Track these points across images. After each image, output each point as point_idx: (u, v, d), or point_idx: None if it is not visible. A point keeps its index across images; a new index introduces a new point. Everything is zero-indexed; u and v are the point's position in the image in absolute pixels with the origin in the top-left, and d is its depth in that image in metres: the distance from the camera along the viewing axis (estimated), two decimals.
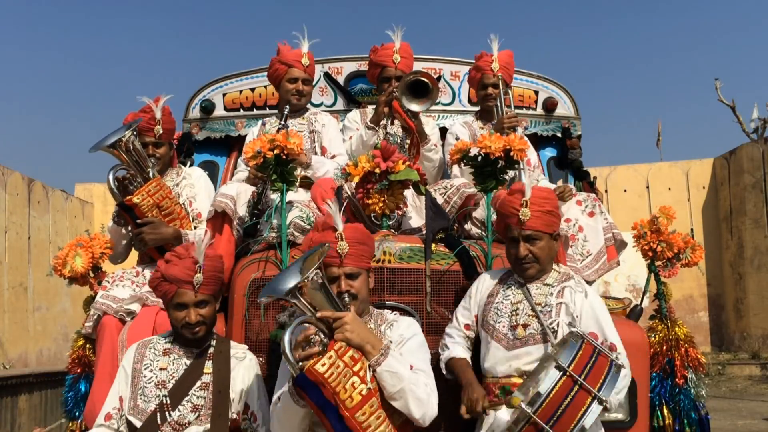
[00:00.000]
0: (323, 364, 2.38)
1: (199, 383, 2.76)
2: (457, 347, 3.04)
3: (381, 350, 2.51)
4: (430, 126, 4.36)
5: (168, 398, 2.71)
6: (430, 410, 2.57)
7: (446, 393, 2.84)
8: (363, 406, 2.41)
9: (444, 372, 3.02)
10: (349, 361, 2.44)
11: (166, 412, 2.69)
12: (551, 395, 2.49)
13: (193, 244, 2.87)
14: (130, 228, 3.70)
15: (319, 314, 2.49)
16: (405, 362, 2.58)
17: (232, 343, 2.96)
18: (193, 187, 3.87)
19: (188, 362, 2.80)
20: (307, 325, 2.53)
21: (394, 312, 2.88)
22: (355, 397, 2.40)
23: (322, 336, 2.52)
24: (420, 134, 4.08)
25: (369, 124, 4.07)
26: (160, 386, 2.74)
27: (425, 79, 3.93)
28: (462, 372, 2.93)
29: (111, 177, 3.58)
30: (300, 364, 2.42)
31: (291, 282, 2.43)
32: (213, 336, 2.90)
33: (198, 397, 2.73)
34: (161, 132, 3.75)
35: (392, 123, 4.15)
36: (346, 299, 2.63)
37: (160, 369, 2.78)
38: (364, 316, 2.74)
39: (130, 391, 2.77)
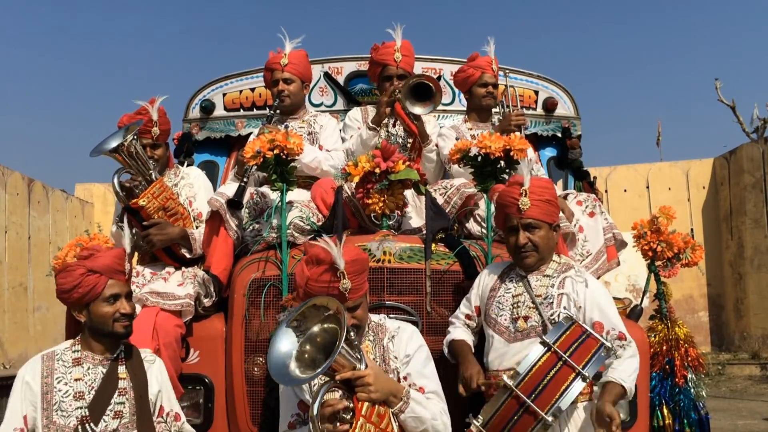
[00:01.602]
0: None
1: (117, 390, 2.64)
2: (457, 330, 3.09)
3: (402, 398, 2.50)
4: (431, 125, 4.36)
5: (87, 410, 2.58)
6: None
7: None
8: None
9: (447, 355, 3.07)
10: (377, 420, 2.42)
11: (88, 425, 2.57)
12: (534, 370, 2.52)
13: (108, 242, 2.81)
14: (134, 230, 3.70)
15: (338, 377, 2.39)
16: (424, 402, 2.57)
17: (138, 348, 2.86)
18: (191, 187, 3.87)
19: (104, 370, 2.66)
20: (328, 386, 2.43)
21: (391, 316, 2.85)
22: None
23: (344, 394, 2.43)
24: (422, 136, 4.08)
25: (370, 124, 4.05)
26: (78, 398, 2.59)
27: (428, 82, 3.92)
28: (459, 351, 2.99)
29: (116, 181, 3.57)
30: None
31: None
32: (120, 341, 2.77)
33: (119, 404, 2.63)
34: (158, 133, 3.77)
35: (394, 124, 4.15)
36: (352, 335, 2.48)
37: (75, 380, 2.62)
38: (362, 334, 2.70)
39: (42, 408, 2.58)
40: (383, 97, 4.06)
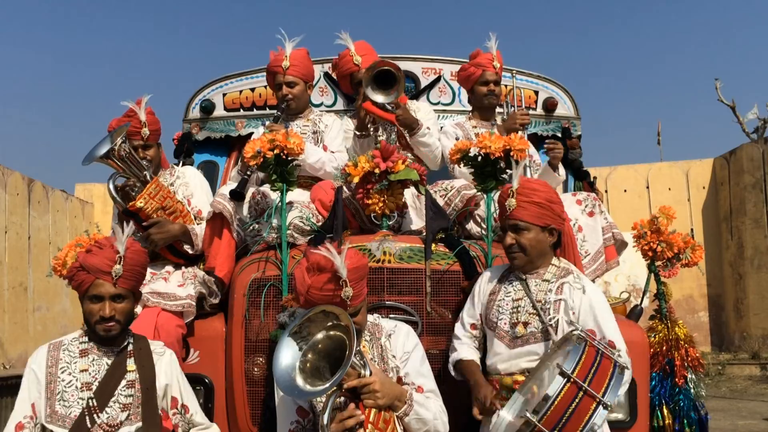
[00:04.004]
0: None
1: (124, 382, 2.65)
2: (464, 348, 3.04)
3: (407, 402, 2.56)
4: (424, 110, 4.31)
5: (94, 400, 2.59)
6: None
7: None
8: None
9: (452, 373, 3.04)
10: (383, 426, 2.45)
11: (95, 415, 2.58)
12: (556, 403, 2.46)
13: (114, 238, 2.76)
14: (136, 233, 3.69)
15: (346, 385, 2.41)
16: (426, 403, 2.64)
17: (149, 340, 2.87)
18: (187, 186, 3.85)
19: (109, 362, 2.67)
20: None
21: (391, 317, 2.86)
22: None
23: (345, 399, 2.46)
24: (405, 124, 4.00)
25: (356, 132, 4.03)
26: (83, 389, 2.61)
27: (387, 68, 3.82)
28: (470, 373, 2.94)
29: (111, 186, 3.56)
30: None
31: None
32: (130, 333, 2.78)
33: (126, 396, 2.64)
34: (148, 134, 3.71)
35: (376, 129, 4.01)
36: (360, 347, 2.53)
37: (81, 371, 2.64)
38: (361, 334, 2.71)
39: (46, 398, 2.61)
40: (358, 103, 4.02)
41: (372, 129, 4.01)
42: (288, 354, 2.39)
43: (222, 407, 3.40)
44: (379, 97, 3.85)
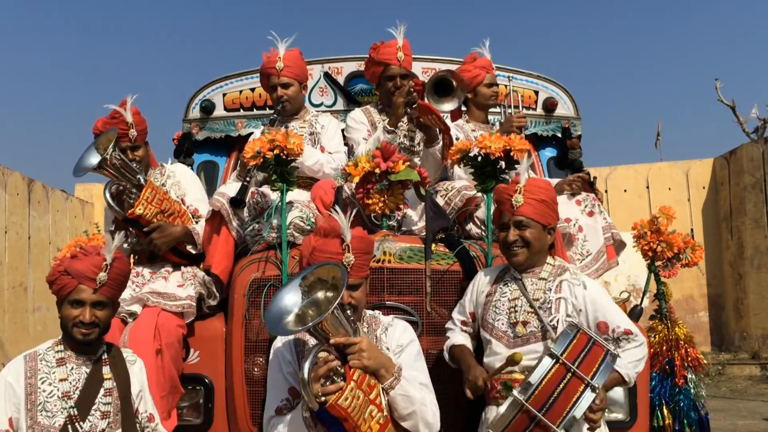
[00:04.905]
0: (345, 399, 2.34)
1: (102, 390, 2.66)
2: (456, 335, 3.09)
3: (394, 373, 2.52)
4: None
5: (75, 409, 2.60)
6: (436, 429, 2.62)
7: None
8: None
9: (448, 361, 3.06)
10: (367, 389, 2.42)
11: (77, 424, 2.59)
12: (543, 383, 2.50)
13: (103, 246, 2.77)
14: (134, 239, 3.68)
15: (333, 340, 2.43)
16: (414, 382, 2.58)
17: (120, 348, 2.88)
18: (179, 186, 3.83)
19: (87, 370, 2.68)
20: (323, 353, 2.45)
21: (388, 313, 2.86)
22: (374, 426, 2.41)
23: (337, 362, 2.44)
24: (430, 132, 3.95)
25: (388, 127, 3.89)
26: (64, 398, 2.61)
27: (449, 77, 3.87)
28: (461, 356, 2.98)
29: (108, 195, 3.54)
30: (321, 398, 2.36)
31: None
32: (104, 342, 2.79)
33: (105, 404, 2.65)
34: (135, 135, 3.67)
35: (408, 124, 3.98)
36: (348, 312, 2.55)
37: (60, 380, 2.64)
38: (359, 322, 2.71)
39: (26, 409, 2.59)
40: (399, 98, 3.86)
41: (401, 127, 3.94)
42: (291, 298, 2.43)
43: (222, 407, 3.40)
44: (446, 105, 3.89)
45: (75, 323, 2.66)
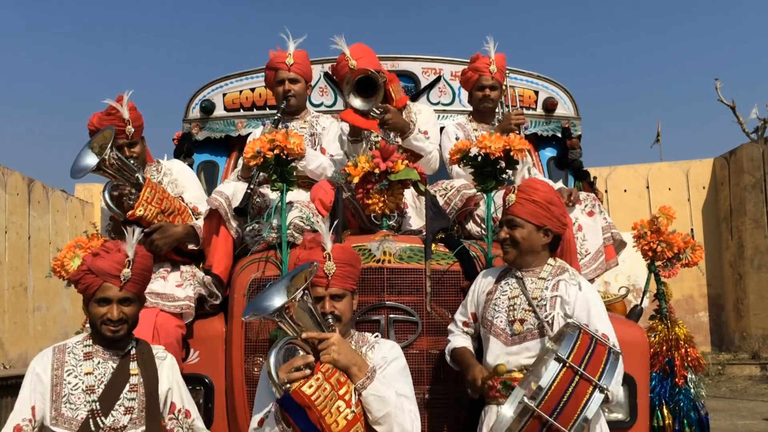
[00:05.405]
0: (310, 386, 2.34)
1: (127, 386, 2.66)
2: (457, 338, 3.10)
3: (367, 373, 2.47)
4: (425, 114, 4.23)
5: (98, 404, 2.60)
6: None
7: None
8: (348, 431, 2.38)
9: (450, 364, 3.08)
10: (336, 384, 2.40)
11: (99, 419, 2.59)
12: (553, 387, 2.49)
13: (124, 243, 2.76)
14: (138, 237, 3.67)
15: (304, 335, 2.44)
16: (390, 387, 2.52)
17: (151, 344, 2.87)
18: (176, 183, 3.80)
19: (114, 365, 2.68)
20: (293, 346, 2.50)
21: (375, 334, 2.83)
22: (341, 421, 2.37)
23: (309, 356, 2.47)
24: (395, 128, 3.87)
25: (349, 138, 3.89)
26: (88, 392, 2.62)
27: (368, 74, 3.70)
28: (461, 357, 3.00)
29: (107, 196, 3.51)
30: (285, 386, 2.36)
31: (277, 301, 2.38)
32: (133, 337, 2.79)
33: (129, 400, 2.65)
34: (132, 131, 3.63)
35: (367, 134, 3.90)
36: (330, 321, 2.57)
37: (86, 374, 2.65)
38: (345, 338, 2.67)
39: (51, 400, 2.62)
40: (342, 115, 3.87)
41: (365, 133, 3.89)
42: (279, 299, 2.43)
43: (222, 407, 3.40)
44: (357, 103, 3.73)
45: (103, 321, 2.65)
